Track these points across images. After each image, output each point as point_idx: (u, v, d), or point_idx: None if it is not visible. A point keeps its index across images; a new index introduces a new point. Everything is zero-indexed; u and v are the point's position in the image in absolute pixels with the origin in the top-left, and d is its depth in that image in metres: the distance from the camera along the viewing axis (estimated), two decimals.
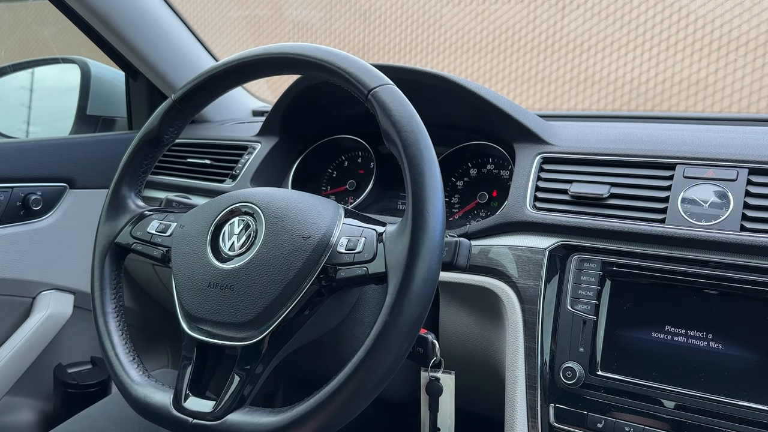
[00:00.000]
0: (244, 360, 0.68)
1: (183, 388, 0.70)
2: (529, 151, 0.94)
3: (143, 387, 0.73)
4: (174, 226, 0.79)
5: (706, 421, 0.72)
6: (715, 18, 1.40)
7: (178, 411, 0.69)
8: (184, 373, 0.71)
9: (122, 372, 0.75)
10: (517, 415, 0.81)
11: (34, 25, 2.25)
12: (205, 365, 0.72)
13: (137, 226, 0.82)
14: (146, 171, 0.85)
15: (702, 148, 0.84)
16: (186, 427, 0.68)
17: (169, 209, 0.85)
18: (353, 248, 0.67)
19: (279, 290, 0.67)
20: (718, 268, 0.75)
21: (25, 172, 1.27)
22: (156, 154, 0.84)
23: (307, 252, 0.68)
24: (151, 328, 1.55)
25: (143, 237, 0.81)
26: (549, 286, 0.82)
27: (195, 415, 0.68)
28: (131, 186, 0.84)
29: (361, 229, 0.70)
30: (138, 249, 0.81)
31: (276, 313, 0.67)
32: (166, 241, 0.79)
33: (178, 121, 0.82)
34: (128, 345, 0.78)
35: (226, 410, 0.67)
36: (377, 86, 0.67)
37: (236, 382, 0.68)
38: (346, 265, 0.67)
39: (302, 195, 0.75)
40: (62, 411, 1.41)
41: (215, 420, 0.66)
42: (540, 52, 1.66)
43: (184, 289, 0.73)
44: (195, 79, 0.79)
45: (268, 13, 2.21)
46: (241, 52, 0.76)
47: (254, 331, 0.68)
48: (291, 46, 0.72)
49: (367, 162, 1.21)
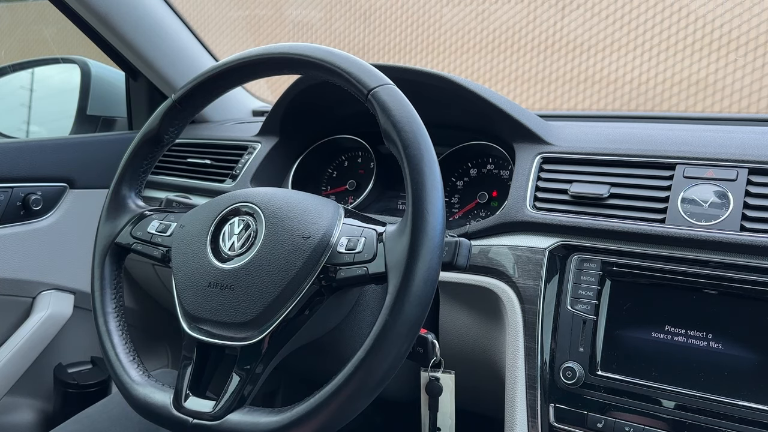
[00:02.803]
0: (244, 360, 0.68)
1: (183, 388, 0.70)
2: (529, 151, 0.94)
3: (143, 387, 0.73)
4: (174, 226, 0.80)
5: (706, 421, 0.72)
6: (715, 18, 1.40)
7: (178, 411, 0.69)
8: (184, 373, 0.71)
9: (122, 372, 0.75)
10: (517, 415, 0.81)
11: (34, 25, 2.25)
12: (205, 365, 0.73)
13: (137, 226, 0.82)
14: (146, 171, 0.85)
15: (702, 148, 0.84)
16: (186, 427, 0.68)
17: (169, 209, 0.85)
18: (353, 248, 0.68)
19: (279, 290, 0.67)
20: (718, 268, 0.75)
21: (25, 172, 1.27)
22: (156, 154, 0.84)
23: (307, 252, 0.68)
24: (151, 328, 1.55)
25: (143, 237, 0.81)
26: (549, 286, 0.82)
27: (195, 415, 0.68)
28: (131, 186, 0.84)
29: (361, 229, 0.70)
30: (138, 249, 0.81)
31: (276, 313, 0.68)
32: (166, 241, 0.79)
33: (178, 121, 0.82)
34: (128, 345, 0.78)
35: (226, 410, 0.67)
36: (377, 86, 0.67)
37: (236, 382, 0.68)
38: (346, 265, 0.67)
39: (302, 195, 0.75)
40: (62, 411, 1.41)
41: (215, 420, 0.67)
42: (540, 52, 1.66)
43: (184, 289, 0.73)
44: (195, 78, 0.79)
45: (268, 13, 2.21)
46: (242, 52, 0.76)
47: (254, 331, 0.68)
48: (291, 46, 0.72)
49: (367, 162, 1.21)
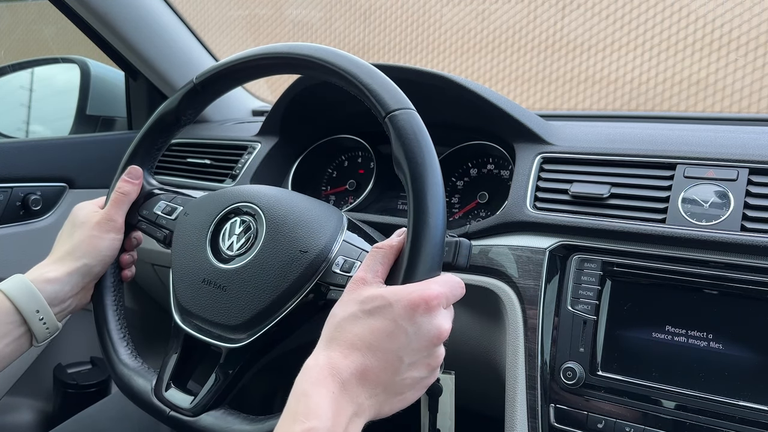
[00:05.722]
0: (227, 362, 0.69)
1: (165, 377, 0.71)
2: (529, 151, 0.94)
3: (129, 368, 0.75)
4: (179, 210, 0.80)
5: (707, 422, 0.71)
6: (715, 18, 1.40)
7: (158, 399, 0.70)
8: (168, 361, 0.72)
9: (111, 350, 0.77)
10: (517, 416, 0.81)
11: (34, 25, 2.25)
12: (190, 358, 0.73)
13: (145, 204, 0.82)
14: (160, 149, 0.84)
15: (702, 148, 0.84)
16: (163, 417, 0.69)
17: (178, 191, 0.85)
18: (348, 270, 0.68)
19: (270, 300, 0.67)
20: (719, 268, 0.75)
21: (25, 172, 1.27)
22: (171, 134, 0.83)
23: (303, 267, 0.68)
24: (151, 328, 1.55)
25: (149, 216, 0.81)
26: (549, 286, 0.82)
27: (172, 406, 0.69)
28: (143, 162, 0.83)
29: (359, 251, 0.70)
30: (143, 227, 0.81)
31: (263, 321, 0.68)
32: (170, 224, 0.79)
33: (196, 104, 0.80)
34: (121, 321, 0.79)
35: (202, 408, 0.68)
36: (397, 110, 0.63)
37: (216, 382, 0.69)
38: (338, 287, 0.67)
39: (306, 202, 0.75)
40: (62, 411, 1.41)
41: (190, 416, 0.68)
42: (540, 52, 1.67)
43: (179, 279, 0.74)
44: (217, 66, 0.77)
45: (268, 13, 2.21)
46: (266, 47, 0.74)
47: (241, 336, 0.69)
48: (317, 49, 0.70)
49: (367, 162, 1.21)
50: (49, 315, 0.74)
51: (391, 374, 0.56)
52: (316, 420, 0.51)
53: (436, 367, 0.60)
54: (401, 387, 0.58)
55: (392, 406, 0.58)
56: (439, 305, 0.58)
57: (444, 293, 0.59)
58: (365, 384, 0.55)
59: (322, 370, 0.54)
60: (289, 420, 0.52)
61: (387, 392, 0.57)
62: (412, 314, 0.56)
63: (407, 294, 0.57)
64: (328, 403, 0.52)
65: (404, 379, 0.57)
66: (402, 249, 0.62)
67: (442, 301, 0.58)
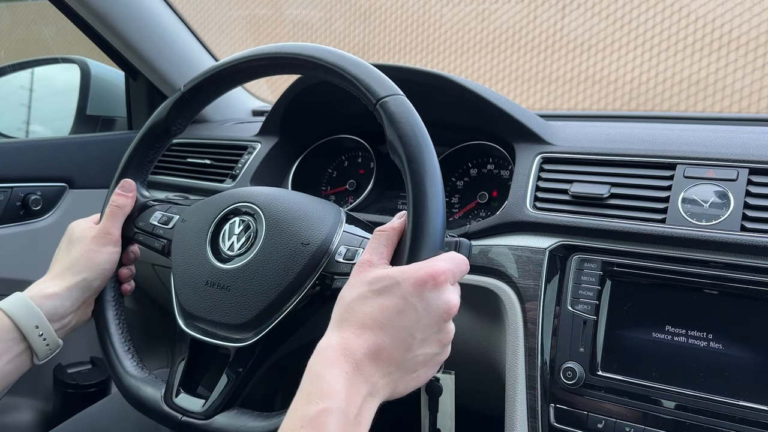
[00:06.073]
0: (236, 361, 0.69)
1: (174, 383, 0.71)
2: (529, 151, 0.94)
3: (136, 379, 0.74)
4: (176, 219, 0.80)
5: (707, 422, 0.71)
6: (715, 18, 1.40)
7: (169, 406, 0.70)
8: (177, 368, 0.72)
9: (117, 363, 0.76)
10: (517, 416, 0.81)
11: (34, 25, 2.25)
12: (198, 362, 0.73)
13: (140, 216, 0.82)
14: (152, 161, 0.84)
15: (702, 148, 0.84)
16: (175, 423, 0.69)
17: (173, 201, 0.85)
18: (351, 258, 0.68)
19: (275, 295, 0.67)
20: (719, 268, 0.75)
21: (25, 172, 1.27)
22: (163, 145, 0.84)
23: (305, 259, 0.68)
24: (151, 328, 1.55)
25: (146, 228, 0.81)
26: (549, 286, 0.82)
27: (184, 412, 0.69)
28: (136, 175, 0.83)
29: (360, 239, 0.70)
30: (140, 239, 0.81)
31: (270, 317, 0.68)
32: (167, 234, 0.79)
33: (186, 112, 0.81)
34: (125, 335, 0.79)
35: (215, 410, 0.67)
36: (386, 96, 0.65)
37: (227, 383, 0.68)
38: (343, 275, 0.67)
39: (304, 198, 0.75)
40: (62, 411, 1.41)
41: (203, 419, 0.67)
42: (540, 52, 1.67)
43: (181, 285, 0.73)
44: (204, 73, 0.78)
45: (268, 13, 2.21)
46: (252, 49, 0.74)
47: (248, 334, 0.68)
48: (303, 47, 0.71)
49: (367, 162, 1.21)
50: (49, 331, 0.73)
51: (403, 351, 0.56)
52: (329, 401, 0.51)
53: (447, 342, 0.61)
54: (414, 364, 0.58)
55: (407, 384, 0.59)
56: (446, 281, 0.58)
57: (450, 269, 0.59)
58: (379, 363, 0.55)
59: (335, 351, 0.54)
60: (303, 401, 0.52)
61: (400, 370, 0.57)
62: (420, 291, 0.56)
63: (414, 272, 0.57)
64: (342, 384, 0.52)
65: (417, 356, 0.58)
66: (404, 230, 0.62)
67: (449, 276, 0.59)
